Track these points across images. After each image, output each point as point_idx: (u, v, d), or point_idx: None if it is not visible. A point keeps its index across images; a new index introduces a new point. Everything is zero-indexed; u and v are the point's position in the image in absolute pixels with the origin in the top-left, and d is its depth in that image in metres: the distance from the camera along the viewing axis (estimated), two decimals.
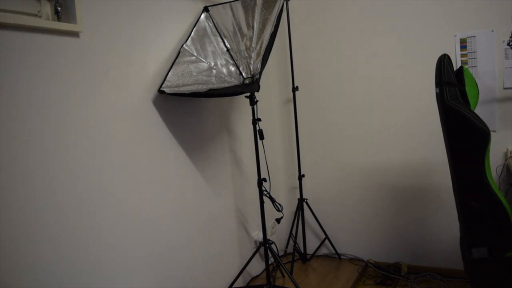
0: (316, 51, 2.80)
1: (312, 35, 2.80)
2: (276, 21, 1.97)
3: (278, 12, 1.98)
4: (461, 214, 1.67)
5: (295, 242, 2.78)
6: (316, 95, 2.84)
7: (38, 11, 1.48)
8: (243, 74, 2.10)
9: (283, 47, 2.86)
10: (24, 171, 1.33)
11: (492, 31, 2.28)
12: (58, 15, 1.49)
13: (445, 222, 2.52)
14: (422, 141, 2.54)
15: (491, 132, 2.04)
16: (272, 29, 1.96)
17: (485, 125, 1.55)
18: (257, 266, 2.68)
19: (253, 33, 2.07)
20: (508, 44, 2.24)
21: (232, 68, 2.12)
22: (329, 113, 2.81)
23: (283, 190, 3.06)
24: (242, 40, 2.10)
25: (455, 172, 1.65)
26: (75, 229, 1.49)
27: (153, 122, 1.87)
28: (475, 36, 2.32)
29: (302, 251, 2.88)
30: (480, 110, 2.28)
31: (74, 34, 1.51)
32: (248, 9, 2.09)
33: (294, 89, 2.74)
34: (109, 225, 1.63)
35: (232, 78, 2.09)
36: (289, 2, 2.67)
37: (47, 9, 1.50)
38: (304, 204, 2.85)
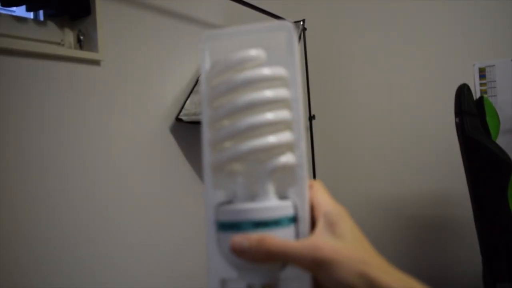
0: (333, 81, 2.81)
1: (329, 64, 2.81)
2: None
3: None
4: (483, 247, 1.62)
5: None
6: (332, 125, 2.83)
7: (61, 40, 1.51)
8: None
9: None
10: (33, 196, 1.34)
11: (511, 60, 2.26)
12: (80, 44, 1.52)
13: (467, 255, 2.44)
14: (441, 172, 2.49)
15: None
16: None
17: (507, 156, 1.52)
18: None
19: None
20: None
21: None
22: (346, 143, 2.79)
23: None
24: None
25: (477, 205, 1.61)
26: (78, 257, 1.48)
27: (170, 149, 1.87)
28: (494, 65, 2.31)
29: None
30: (501, 141, 2.24)
31: (96, 62, 1.53)
32: None
33: (311, 117, 2.73)
34: (117, 256, 1.62)
35: None
36: (306, 32, 2.69)
37: (70, 38, 1.54)
38: None
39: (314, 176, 2.73)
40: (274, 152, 0.42)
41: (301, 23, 2.06)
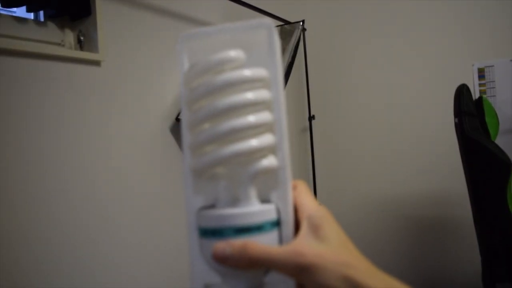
0: (333, 81, 2.81)
1: (329, 65, 2.81)
2: (293, 51, 1.99)
3: (295, 42, 2.01)
4: (483, 248, 1.62)
5: None
6: (332, 125, 2.83)
7: (62, 40, 1.52)
8: None
9: (300, 76, 2.88)
10: (33, 196, 1.34)
11: (511, 60, 2.26)
12: (80, 44, 1.53)
13: (466, 255, 2.45)
14: (440, 172, 2.50)
15: None
16: (289, 59, 1.98)
17: (507, 156, 1.52)
18: None
19: None
20: None
21: None
22: (346, 143, 2.79)
23: None
24: None
25: (476, 205, 1.61)
26: (78, 257, 1.49)
27: (170, 149, 1.87)
28: (493, 66, 2.31)
29: None
30: (500, 141, 2.24)
31: (96, 63, 1.54)
32: None
33: (311, 118, 2.73)
34: (117, 256, 1.62)
35: None
36: (305, 33, 2.70)
37: (70, 38, 1.54)
38: None
39: (314, 176, 2.74)
40: (256, 156, 0.41)
41: (301, 23, 2.07)
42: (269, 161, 0.41)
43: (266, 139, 0.41)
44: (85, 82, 1.50)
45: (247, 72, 0.41)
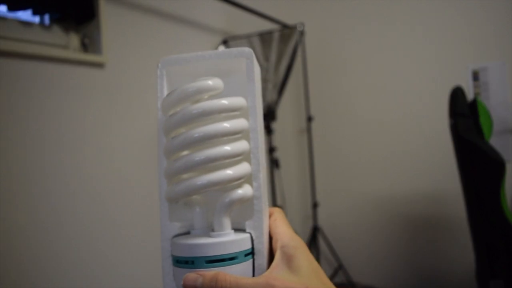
0: (331, 83, 2.84)
1: (328, 67, 2.85)
2: (293, 53, 2.02)
3: (295, 45, 2.04)
4: (477, 246, 1.66)
5: None
6: (331, 126, 2.86)
7: (66, 43, 1.54)
8: None
9: (298, 78, 2.92)
10: (34, 197, 1.37)
11: (504, 63, 2.30)
12: (85, 47, 1.56)
13: (459, 253, 2.48)
14: (435, 172, 2.53)
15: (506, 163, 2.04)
16: (289, 62, 2.02)
17: (500, 156, 1.55)
18: None
19: (269, 65, 2.12)
20: None
21: None
22: (345, 144, 2.83)
23: (297, 219, 3.05)
24: None
25: (470, 204, 1.64)
26: (79, 257, 1.51)
27: None
28: (487, 68, 2.35)
29: None
30: (494, 141, 2.28)
31: (100, 65, 1.57)
32: (265, 42, 2.15)
33: (310, 119, 2.77)
34: (118, 256, 1.64)
35: None
36: (305, 35, 2.73)
37: (75, 41, 1.57)
38: (318, 232, 2.84)
39: (313, 177, 2.77)
40: (231, 185, 0.40)
41: (300, 26, 2.10)
42: (244, 191, 0.41)
43: (242, 168, 0.41)
44: (89, 84, 1.53)
45: (224, 102, 0.40)
